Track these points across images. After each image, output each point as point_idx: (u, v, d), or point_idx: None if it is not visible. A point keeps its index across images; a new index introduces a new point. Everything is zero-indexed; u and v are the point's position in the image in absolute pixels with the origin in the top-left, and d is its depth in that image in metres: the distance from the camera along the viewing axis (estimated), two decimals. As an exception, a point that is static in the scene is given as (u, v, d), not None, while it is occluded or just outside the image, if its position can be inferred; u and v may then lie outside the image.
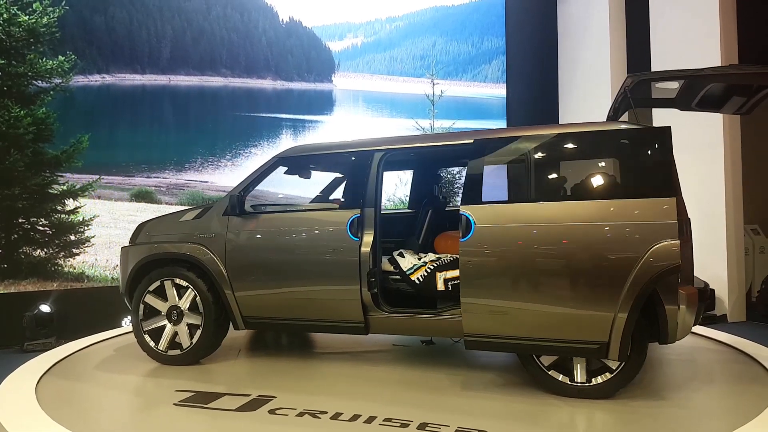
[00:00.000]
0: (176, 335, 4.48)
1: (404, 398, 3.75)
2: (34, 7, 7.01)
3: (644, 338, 3.50)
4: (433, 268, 4.19)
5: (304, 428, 3.24)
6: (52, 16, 7.10)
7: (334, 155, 4.61)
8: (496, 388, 3.95)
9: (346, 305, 4.08)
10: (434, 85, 10.13)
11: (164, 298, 4.51)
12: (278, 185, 5.33)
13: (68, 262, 7.29)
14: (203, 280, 4.39)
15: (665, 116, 4.45)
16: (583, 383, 3.62)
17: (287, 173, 4.84)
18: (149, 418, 3.60)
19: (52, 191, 7.18)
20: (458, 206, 3.82)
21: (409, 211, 5.58)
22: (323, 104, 10.19)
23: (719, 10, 7.07)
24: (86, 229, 7.40)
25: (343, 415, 3.40)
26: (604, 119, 4.12)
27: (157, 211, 7.78)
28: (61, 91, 7.26)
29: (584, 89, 9.04)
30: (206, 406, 3.61)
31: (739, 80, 3.73)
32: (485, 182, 3.78)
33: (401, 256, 4.44)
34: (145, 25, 8.32)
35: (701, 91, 3.84)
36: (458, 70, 10.69)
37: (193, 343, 4.42)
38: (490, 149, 3.85)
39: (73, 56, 7.29)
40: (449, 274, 4.10)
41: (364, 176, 4.18)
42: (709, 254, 6.98)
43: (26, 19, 6.96)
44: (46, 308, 6.51)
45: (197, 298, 4.40)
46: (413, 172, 5.74)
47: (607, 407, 3.51)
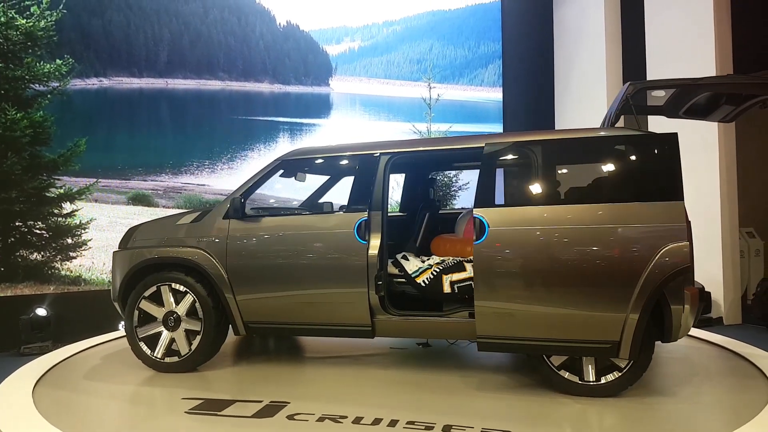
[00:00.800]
0: (173, 342, 4.38)
1: (421, 401, 3.73)
2: (31, 10, 7.01)
3: (652, 337, 3.57)
4: (439, 270, 4.19)
5: (329, 434, 3.17)
6: (49, 19, 7.10)
7: (339, 158, 4.60)
8: (509, 389, 3.98)
9: (353, 308, 4.07)
10: (431, 88, 10.16)
11: (160, 303, 4.41)
12: (270, 188, 5.31)
13: (65, 265, 7.27)
14: (202, 284, 4.32)
15: (662, 120, 4.48)
16: (593, 382, 3.69)
17: (288, 176, 4.84)
18: (163, 426, 3.47)
19: (49, 194, 7.17)
20: (454, 210, 3.84)
21: (401, 214, 5.57)
22: (320, 108, 10.21)
23: (714, 14, 7.12)
24: (83, 232, 7.39)
25: (364, 419, 3.35)
26: (598, 124, 4.15)
27: (153, 214, 7.78)
28: (58, 94, 7.26)
29: (580, 93, 9.09)
30: (220, 413, 3.52)
31: (739, 90, 3.81)
32: (498, 185, 3.84)
33: (405, 259, 4.44)
34: (142, 28, 8.32)
35: (691, 99, 3.93)
36: (455, 73, 10.73)
37: (192, 349, 4.33)
38: (503, 153, 3.90)
39: (70, 60, 7.29)
40: (455, 276, 4.11)
41: (370, 179, 4.17)
42: (704, 257, 7.00)
43: (24, 22, 6.96)
44: (42, 312, 6.50)
45: (196, 303, 4.32)
46: (406, 175, 5.70)
47: (614, 407, 3.56)
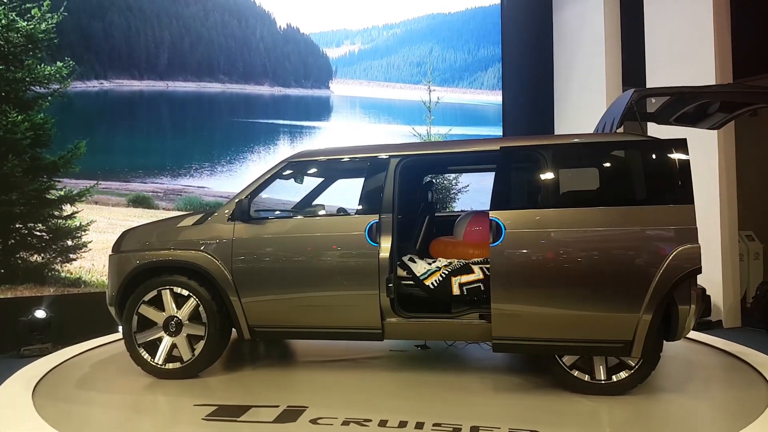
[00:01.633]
0: (174, 348, 4.29)
1: (440, 402, 3.72)
2: (32, 13, 7.01)
3: (660, 336, 3.64)
4: (448, 273, 4.19)
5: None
6: (50, 22, 7.10)
7: (349, 160, 4.54)
8: (524, 388, 4.01)
9: (363, 311, 4.06)
10: (431, 91, 10.17)
11: (161, 308, 4.31)
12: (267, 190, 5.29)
13: (65, 267, 7.27)
14: (206, 287, 4.24)
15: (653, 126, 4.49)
16: (604, 381, 3.77)
17: (296, 177, 4.79)
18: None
19: (49, 196, 7.16)
20: (453, 212, 3.87)
21: (398, 216, 5.56)
22: (320, 110, 10.21)
23: (713, 18, 7.13)
24: (83, 234, 7.38)
25: (389, 422, 3.30)
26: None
27: (153, 216, 7.77)
28: (59, 96, 7.26)
29: (579, 96, 9.10)
30: (239, 419, 3.42)
31: (740, 98, 3.92)
32: (514, 188, 3.91)
33: (412, 261, 4.43)
34: (143, 31, 8.33)
35: (684, 107, 4.04)
36: (455, 77, 10.74)
37: (195, 355, 4.25)
38: (519, 156, 3.95)
39: (71, 62, 7.29)
40: (464, 278, 4.12)
41: (381, 182, 4.18)
42: (704, 260, 6.97)
43: (25, 24, 6.96)
44: (40, 314, 6.49)
45: (200, 307, 4.24)
46: (409, 178, 5.70)
47: (620, 407, 3.60)
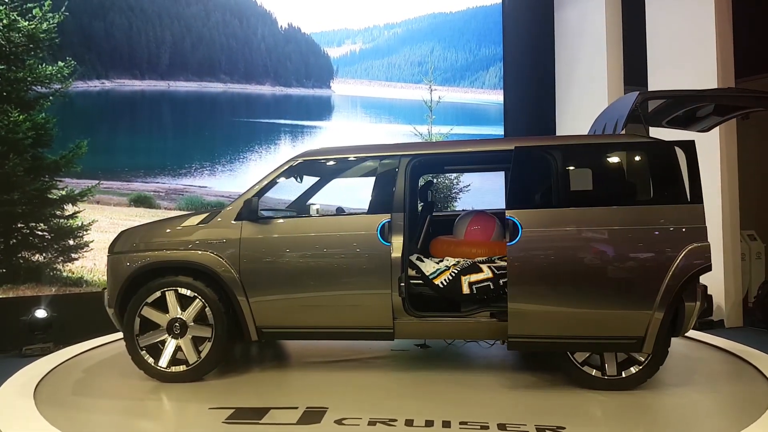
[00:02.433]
0: (178, 350, 4.21)
1: (464, 400, 3.72)
2: (33, 12, 7.01)
3: (669, 332, 3.70)
4: (457, 272, 4.19)
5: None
6: (51, 21, 7.10)
7: (360, 159, 4.51)
8: (543, 386, 4.03)
9: (375, 311, 4.04)
10: (432, 91, 10.17)
11: (164, 310, 4.23)
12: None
13: (67, 266, 7.27)
14: (212, 288, 4.17)
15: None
16: (615, 376, 3.84)
17: (306, 175, 4.77)
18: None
19: (51, 196, 7.16)
20: (448, 212, 3.89)
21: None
22: (322, 110, 10.21)
23: (715, 18, 7.12)
24: (85, 233, 7.38)
25: (415, 421, 3.28)
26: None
27: (155, 216, 7.78)
28: (60, 96, 7.26)
29: (581, 96, 9.09)
30: (261, 422, 3.35)
31: (740, 102, 3.99)
32: (529, 188, 3.97)
33: (420, 260, 4.42)
34: (144, 31, 8.34)
35: (679, 110, 4.11)
36: (456, 76, 10.73)
37: (201, 357, 4.18)
38: (534, 156, 3.98)
39: (72, 62, 7.29)
40: (474, 277, 4.13)
41: (393, 181, 4.17)
42: (706, 260, 6.99)
43: (26, 24, 6.96)
44: (42, 313, 6.49)
45: (206, 308, 4.16)
46: (413, 177, 5.70)
47: (627, 407, 3.62)
